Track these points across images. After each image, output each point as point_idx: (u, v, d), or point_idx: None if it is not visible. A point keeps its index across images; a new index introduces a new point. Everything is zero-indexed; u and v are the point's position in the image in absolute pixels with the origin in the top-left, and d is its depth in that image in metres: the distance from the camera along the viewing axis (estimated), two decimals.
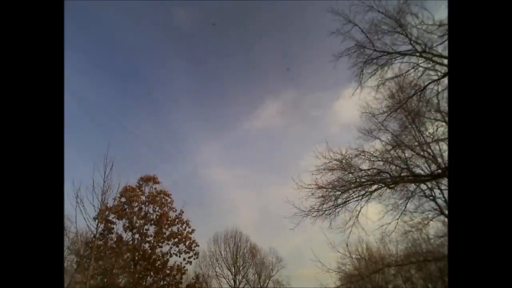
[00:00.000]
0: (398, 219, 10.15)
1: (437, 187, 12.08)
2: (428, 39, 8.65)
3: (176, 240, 19.39)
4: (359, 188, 9.22)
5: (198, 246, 20.14)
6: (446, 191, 11.48)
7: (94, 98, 51.42)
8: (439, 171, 9.94)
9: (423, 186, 11.33)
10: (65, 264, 15.87)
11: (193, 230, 20.15)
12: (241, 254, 29.82)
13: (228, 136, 59.08)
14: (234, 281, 29.07)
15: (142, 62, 58.62)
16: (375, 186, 9.25)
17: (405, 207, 10.32)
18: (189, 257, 19.46)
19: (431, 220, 12.02)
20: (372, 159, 9.56)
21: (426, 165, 11.25)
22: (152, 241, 19.04)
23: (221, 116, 61.73)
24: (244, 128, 58.18)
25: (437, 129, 10.37)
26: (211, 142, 57.71)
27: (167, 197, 20.54)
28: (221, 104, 62.93)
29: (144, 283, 17.75)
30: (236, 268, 29.34)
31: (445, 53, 8.29)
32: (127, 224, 18.79)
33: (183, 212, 20.37)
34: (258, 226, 46.44)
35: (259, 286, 29.24)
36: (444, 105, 9.41)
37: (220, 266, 29.26)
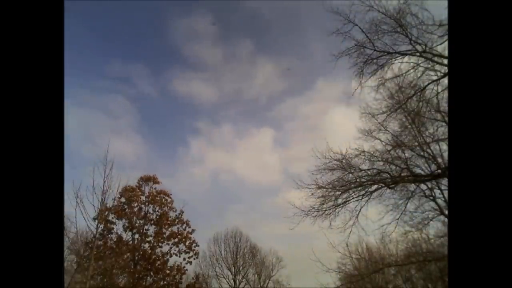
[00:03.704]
0: (398, 219, 10.17)
1: (437, 187, 12.08)
2: (428, 39, 8.64)
3: (176, 240, 19.37)
4: (359, 188, 9.21)
5: (198, 246, 20.16)
6: (446, 191, 11.48)
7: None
8: (439, 171, 9.94)
9: (423, 186, 11.33)
10: (65, 264, 15.88)
11: (193, 230, 20.17)
12: (241, 254, 29.84)
13: None
14: (234, 281, 29.08)
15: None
16: (375, 186, 9.25)
17: (405, 207, 10.33)
18: (189, 257, 19.45)
19: (431, 220, 12.03)
20: (372, 159, 9.56)
21: (426, 165, 11.27)
22: (152, 241, 19.02)
23: None
24: None
25: (437, 129, 10.37)
26: None
27: (167, 197, 20.54)
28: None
29: (144, 283, 17.74)
30: (236, 268, 29.35)
31: (445, 53, 8.28)
32: (127, 224, 18.77)
33: (183, 212, 20.40)
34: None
35: (259, 286, 29.24)
36: (444, 105, 9.40)
37: (220, 266, 29.30)
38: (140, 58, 58.96)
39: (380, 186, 9.25)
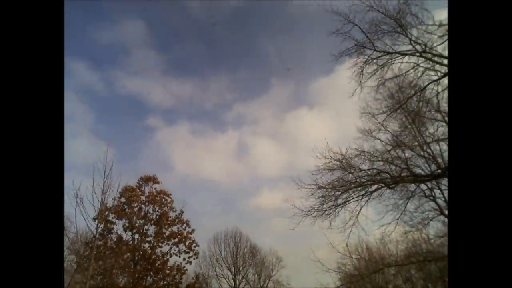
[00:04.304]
0: (398, 219, 10.16)
1: (437, 187, 12.08)
2: (428, 39, 8.65)
3: (176, 240, 19.41)
4: (359, 188, 9.20)
5: (198, 246, 20.20)
6: (446, 191, 11.48)
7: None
8: (439, 171, 9.95)
9: (423, 186, 11.32)
10: (65, 264, 15.87)
11: (193, 230, 20.19)
12: (241, 254, 29.83)
13: None
14: (234, 281, 29.08)
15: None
16: (375, 186, 9.24)
17: (405, 207, 10.32)
18: (189, 257, 19.49)
19: (431, 220, 12.03)
20: (372, 159, 9.55)
21: (426, 165, 11.27)
22: (152, 241, 19.05)
23: None
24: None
25: (437, 129, 10.39)
26: None
27: (167, 197, 20.56)
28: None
29: (144, 283, 17.76)
30: (236, 268, 29.34)
31: (445, 53, 8.29)
32: (127, 224, 18.80)
33: (183, 212, 20.42)
34: None
35: (259, 286, 29.24)
36: (444, 105, 9.41)
37: (220, 266, 29.30)
38: (82, 58, 57.17)
39: (380, 186, 9.24)
